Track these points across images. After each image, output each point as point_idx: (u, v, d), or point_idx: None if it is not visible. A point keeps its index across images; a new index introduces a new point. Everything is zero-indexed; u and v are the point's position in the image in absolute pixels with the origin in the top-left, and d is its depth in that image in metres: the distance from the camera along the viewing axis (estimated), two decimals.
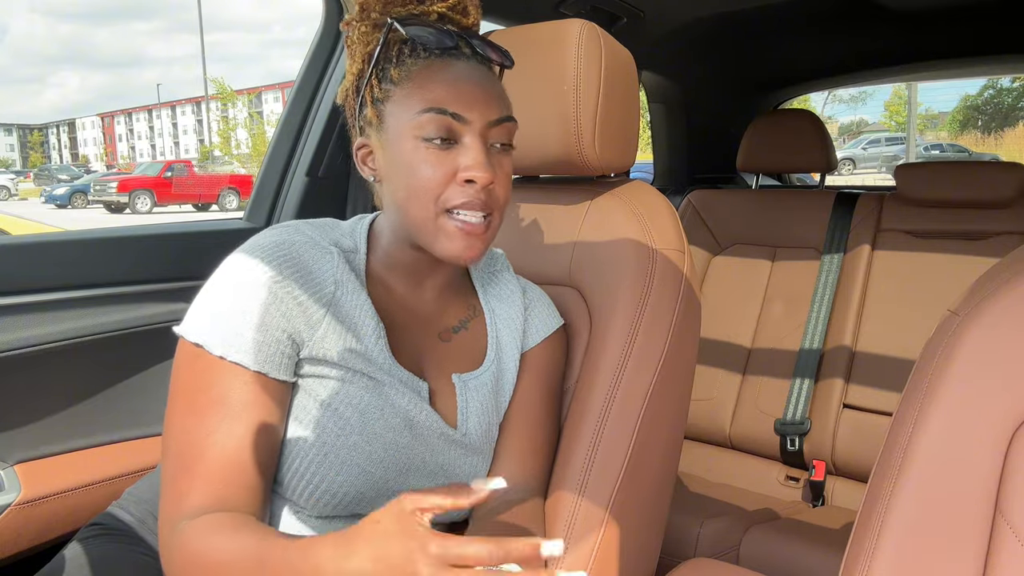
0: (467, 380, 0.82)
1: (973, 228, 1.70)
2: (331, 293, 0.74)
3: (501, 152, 0.75)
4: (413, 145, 0.72)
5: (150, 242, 1.26)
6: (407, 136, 0.72)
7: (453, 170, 0.72)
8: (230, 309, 0.69)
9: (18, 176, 35.65)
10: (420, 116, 0.71)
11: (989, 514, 0.49)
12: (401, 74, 0.73)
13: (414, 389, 0.78)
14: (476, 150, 0.72)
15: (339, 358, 0.73)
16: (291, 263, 0.72)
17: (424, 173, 0.71)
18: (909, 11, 1.84)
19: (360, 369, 0.74)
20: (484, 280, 0.90)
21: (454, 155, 0.72)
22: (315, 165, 1.44)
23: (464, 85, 0.72)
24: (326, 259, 0.75)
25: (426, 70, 0.73)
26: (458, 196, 0.72)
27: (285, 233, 0.75)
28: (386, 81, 0.74)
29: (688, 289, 0.95)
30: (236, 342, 0.69)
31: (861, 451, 1.60)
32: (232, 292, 0.70)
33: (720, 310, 1.91)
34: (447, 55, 0.74)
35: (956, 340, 0.52)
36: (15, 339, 1.08)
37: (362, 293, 0.76)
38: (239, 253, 0.73)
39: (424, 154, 0.71)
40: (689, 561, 0.81)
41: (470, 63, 0.75)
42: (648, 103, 2.45)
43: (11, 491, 1.09)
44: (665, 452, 0.94)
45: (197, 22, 48.20)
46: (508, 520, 0.78)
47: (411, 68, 0.73)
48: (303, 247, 0.74)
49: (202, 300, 0.72)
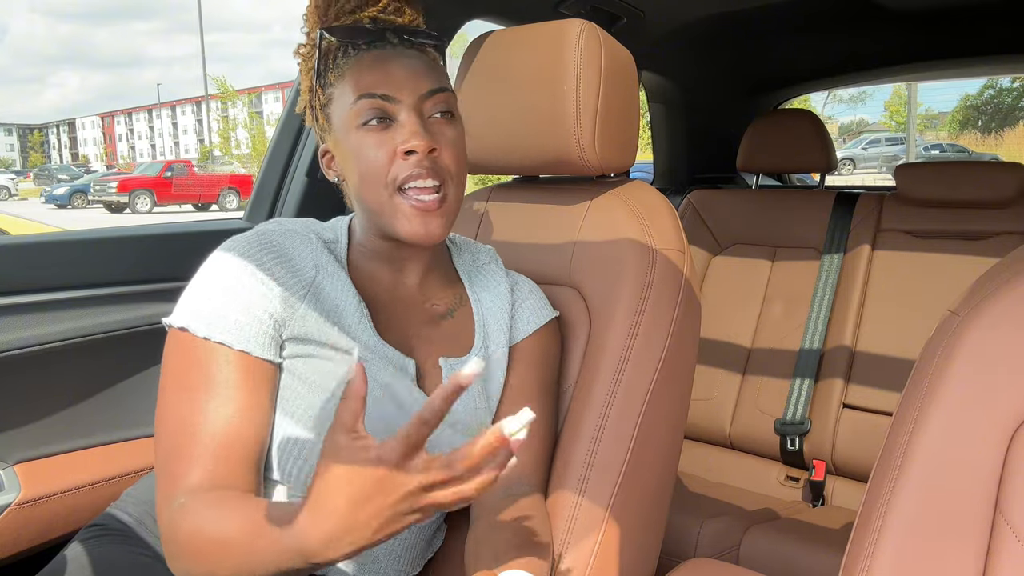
0: (454, 364, 0.84)
1: (973, 228, 1.70)
2: (311, 277, 0.77)
3: (442, 121, 0.78)
4: (356, 135, 0.76)
5: (150, 242, 1.26)
6: (349, 128, 0.76)
7: (393, 147, 0.75)
8: (212, 294, 0.73)
9: (18, 176, 35.63)
10: (355, 105, 0.75)
11: (989, 514, 0.49)
12: (336, 74, 0.78)
13: (399, 366, 0.79)
14: (411, 123, 0.75)
15: (321, 336, 0.75)
16: (270, 249, 0.76)
17: (368, 156, 0.75)
18: (909, 11, 1.84)
19: (343, 347, 0.76)
20: (470, 272, 0.91)
21: (392, 133, 0.75)
22: (315, 165, 1.44)
23: (390, 67, 0.76)
24: (305, 245, 0.79)
25: (356, 64, 0.77)
26: (404, 170, 0.74)
27: (264, 226, 0.80)
28: (327, 86, 0.79)
29: (688, 289, 0.95)
30: (219, 323, 0.71)
31: (861, 451, 1.60)
32: (213, 278, 0.74)
33: (720, 310, 1.91)
34: (374, 47, 0.79)
35: (956, 340, 0.52)
36: (15, 339, 1.08)
37: (343, 275, 0.79)
38: (220, 247, 0.77)
39: (365, 139, 0.75)
40: (689, 561, 0.81)
41: (397, 50, 0.79)
42: (648, 103, 2.45)
43: (11, 491, 1.09)
44: (665, 452, 0.94)
45: (197, 22, 48.18)
46: (509, 515, 0.79)
47: (343, 66, 0.78)
48: (282, 235, 0.78)
49: (187, 291, 0.75)
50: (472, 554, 0.76)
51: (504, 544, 0.74)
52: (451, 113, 0.79)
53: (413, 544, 0.83)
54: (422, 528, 0.83)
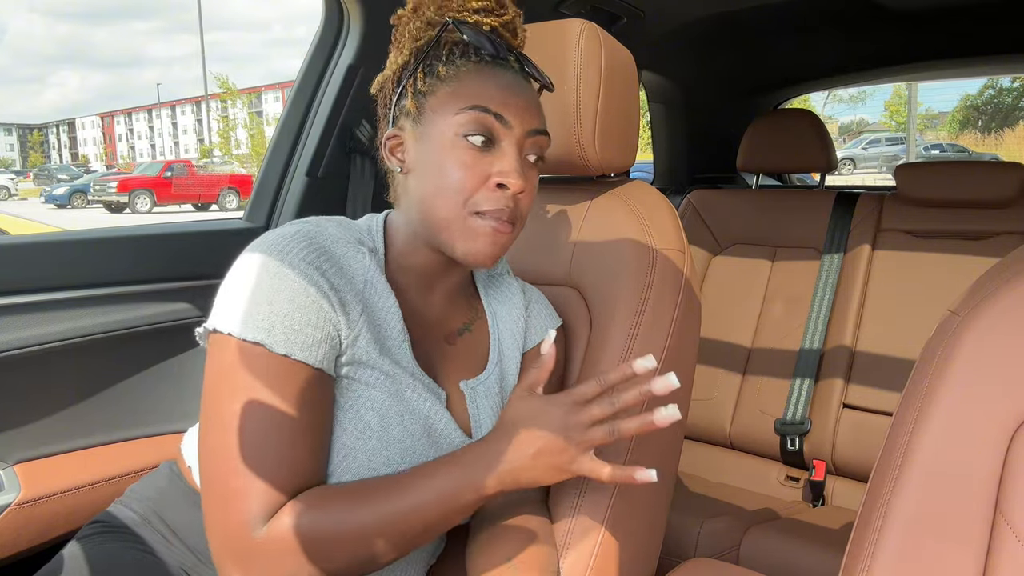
0: (475, 386, 0.82)
1: (973, 228, 1.70)
2: (361, 291, 0.73)
3: (532, 166, 0.77)
4: (451, 142, 0.72)
5: (150, 242, 1.26)
6: (446, 132, 0.72)
7: (487, 174, 0.72)
8: (281, 306, 0.67)
9: (18, 176, 35.64)
10: (464, 113, 0.72)
11: (989, 514, 0.49)
12: (449, 72, 0.74)
13: (435, 394, 0.77)
14: (512, 156, 0.73)
15: (369, 359, 0.72)
16: (327, 256, 0.70)
17: (457, 172, 0.72)
18: (909, 11, 1.84)
19: (387, 372, 0.73)
20: (486, 282, 0.90)
21: (490, 159, 0.73)
22: (315, 165, 1.44)
23: (510, 91, 0.74)
24: (357, 257, 0.74)
25: (475, 72, 0.74)
26: (487, 202, 0.72)
27: (305, 226, 0.73)
28: (432, 76, 0.74)
29: (688, 289, 0.95)
30: (297, 340, 0.66)
31: (861, 451, 1.60)
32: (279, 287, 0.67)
33: (720, 310, 1.91)
34: (496, 64, 0.75)
35: (956, 340, 0.52)
36: (15, 339, 1.08)
37: (390, 296, 0.75)
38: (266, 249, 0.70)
39: (461, 153, 0.72)
40: (689, 561, 0.81)
41: (517, 77, 0.76)
42: (648, 103, 2.45)
43: (11, 491, 1.09)
44: (665, 452, 0.94)
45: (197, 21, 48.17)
46: (510, 521, 0.78)
47: (460, 68, 0.74)
48: (332, 240, 0.72)
49: (247, 297, 0.67)
50: (473, 560, 0.76)
51: (506, 550, 0.74)
52: (542, 159, 0.78)
53: (416, 552, 0.82)
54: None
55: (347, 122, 1.45)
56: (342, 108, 1.43)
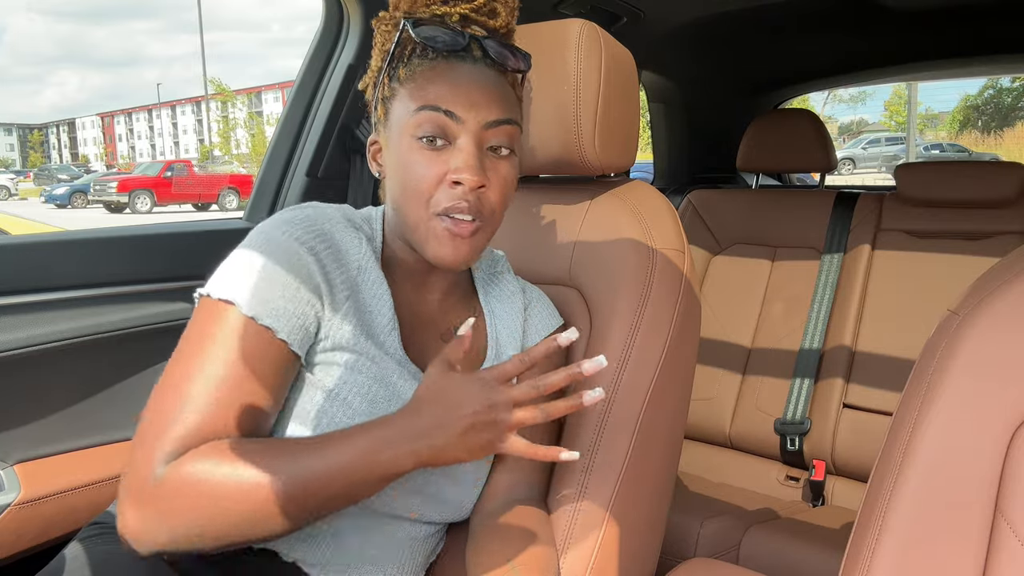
0: None
1: (973, 228, 1.70)
2: (354, 277, 0.74)
3: (498, 156, 0.75)
4: (408, 144, 0.72)
5: (150, 242, 1.26)
6: (405, 134, 0.73)
7: (443, 172, 0.72)
8: (264, 276, 0.69)
9: (18, 176, 35.65)
10: (417, 114, 0.72)
11: (989, 514, 0.49)
12: (407, 73, 0.74)
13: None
14: (468, 152, 0.71)
15: (354, 344, 0.73)
16: (324, 239, 0.73)
17: (416, 173, 0.72)
18: (909, 11, 1.84)
19: (372, 357, 0.74)
20: (485, 281, 0.90)
21: (446, 156, 0.72)
22: (315, 165, 1.44)
23: (464, 85, 0.72)
24: (355, 241, 0.76)
25: (430, 70, 0.73)
26: (446, 199, 0.72)
27: (307, 211, 0.75)
28: (395, 80, 0.75)
29: (688, 289, 0.95)
30: (268, 307, 0.68)
31: (861, 451, 1.60)
32: (267, 260, 0.69)
33: (720, 310, 1.91)
34: (455, 57, 0.74)
35: (956, 340, 0.52)
36: (15, 339, 1.08)
37: (383, 283, 0.76)
38: (270, 224, 0.73)
39: (417, 154, 0.72)
40: (689, 561, 0.81)
41: (477, 65, 0.74)
42: (648, 103, 2.45)
43: (11, 491, 1.08)
44: (665, 452, 0.94)
45: (196, 21, 48.13)
46: (510, 521, 0.78)
47: (416, 68, 0.74)
48: (333, 223, 0.75)
49: (233, 265, 0.70)
50: (473, 561, 0.75)
51: (507, 551, 0.74)
52: (511, 149, 0.75)
53: (415, 551, 0.82)
54: (424, 535, 0.83)
55: (347, 122, 1.45)
56: (342, 108, 1.43)
